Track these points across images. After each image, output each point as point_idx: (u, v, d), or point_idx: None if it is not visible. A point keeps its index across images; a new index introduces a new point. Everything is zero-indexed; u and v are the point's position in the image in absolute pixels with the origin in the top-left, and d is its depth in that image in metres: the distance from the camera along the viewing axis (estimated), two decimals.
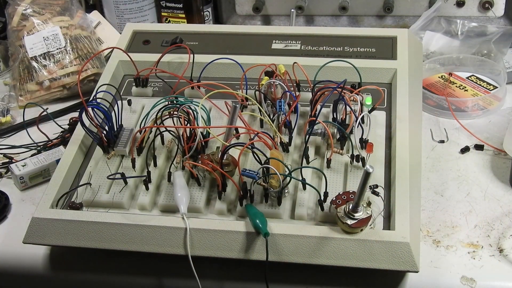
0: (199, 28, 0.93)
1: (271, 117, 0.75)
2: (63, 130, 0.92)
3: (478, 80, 0.97)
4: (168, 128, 0.72)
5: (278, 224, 0.64)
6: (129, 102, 0.81)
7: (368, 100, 0.76)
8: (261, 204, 0.66)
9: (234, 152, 0.69)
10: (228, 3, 1.18)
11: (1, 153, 0.90)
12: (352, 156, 0.70)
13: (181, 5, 1.12)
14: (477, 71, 0.99)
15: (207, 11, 1.15)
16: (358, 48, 0.85)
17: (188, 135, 0.71)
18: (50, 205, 0.69)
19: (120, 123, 0.76)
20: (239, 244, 0.64)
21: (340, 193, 0.64)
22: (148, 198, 0.69)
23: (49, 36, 1.02)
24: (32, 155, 0.86)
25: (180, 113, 0.72)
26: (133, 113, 0.81)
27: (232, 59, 0.82)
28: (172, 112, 0.72)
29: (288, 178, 0.65)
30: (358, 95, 0.74)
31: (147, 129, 0.74)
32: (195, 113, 0.72)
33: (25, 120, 0.94)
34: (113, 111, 0.75)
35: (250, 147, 0.67)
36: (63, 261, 0.72)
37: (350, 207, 0.62)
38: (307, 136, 0.70)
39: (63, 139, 0.90)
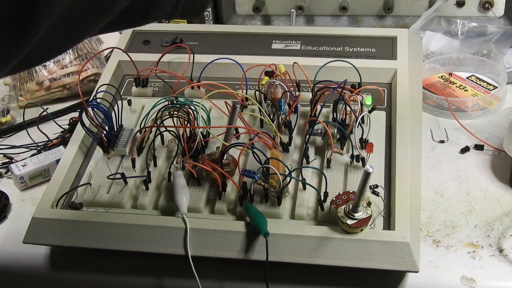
0: (199, 28, 0.93)
1: (271, 117, 0.74)
2: (63, 130, 0.92)
3: (478, 80, 0.96)
4: (168, 128, 0.72)
5: (278, 224, 0.64)
6: (129, 102, 0.81)
7: (368, 100, 0.76)
8: (261, 204, 0.66)
9: (234, 152, 0.69)
10: (228, 3, 1.18)
11: (1, 153, 0.90)
12: (352, 156, 0.70)
13: None
14: (477, 71, 0.98)
15: (207, 11, 1.15)
16: (358, 48, 0.85)
17: (188, 135, 0.71)
18: (50, 205, 0.69)
19: (120, 123, 0.76)
20: (239, 244, 0.64)
21: (340, 193, 0.64)
22: (148, 198, 0.69)
23: None
24: (32, 155, 0.86)
25: (180, 113, 0.72)
26: (133, 113, 0.80)
27: (232, 59, 0.82)
28: (172, 112, 0.72)
29: (288, 178, 0.65)
30: (358, 95, 0.74)
31: (147, 129, 0.74)
32: (195, 113, 0.72)
33: (25, 120, 0.94)
34: (113, 111, 0.75)
35: (250, 147, 0.67)
36: (63, 261, 0.72)
37: (350, 207, 0.62)
38: (307, 136, 0.70)
39: (63, 139, 0.90)
